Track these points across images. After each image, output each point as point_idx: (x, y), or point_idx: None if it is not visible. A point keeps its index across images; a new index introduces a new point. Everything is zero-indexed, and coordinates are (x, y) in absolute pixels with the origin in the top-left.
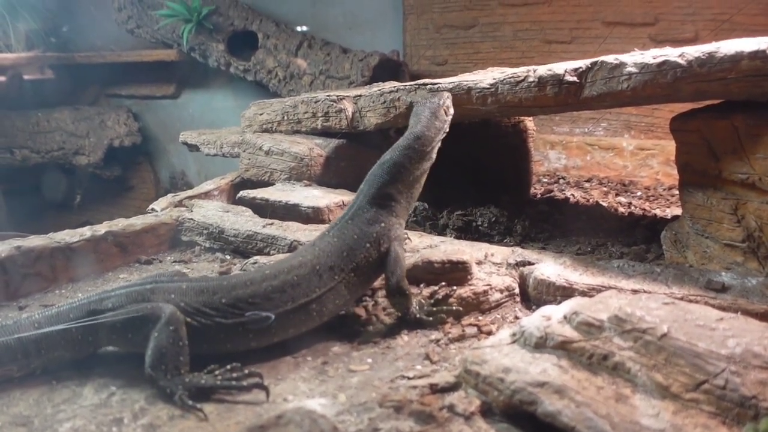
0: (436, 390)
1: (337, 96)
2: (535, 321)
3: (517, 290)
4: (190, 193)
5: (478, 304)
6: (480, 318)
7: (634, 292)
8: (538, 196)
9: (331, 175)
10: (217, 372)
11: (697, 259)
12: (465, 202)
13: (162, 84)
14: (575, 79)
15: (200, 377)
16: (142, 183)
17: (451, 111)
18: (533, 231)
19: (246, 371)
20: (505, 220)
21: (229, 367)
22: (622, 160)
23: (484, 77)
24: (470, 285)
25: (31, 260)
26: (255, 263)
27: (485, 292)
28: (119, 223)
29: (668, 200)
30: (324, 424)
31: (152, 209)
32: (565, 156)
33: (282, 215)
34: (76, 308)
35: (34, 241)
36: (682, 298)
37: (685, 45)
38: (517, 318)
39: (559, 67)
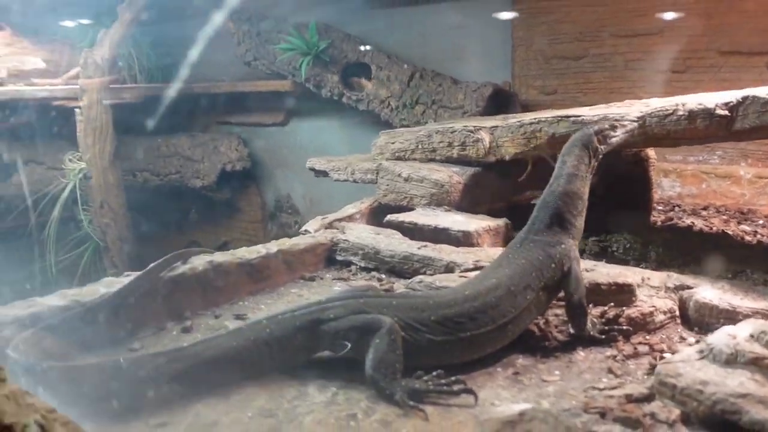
0: (632, 400)
1: (474, 126)
2: (722, 339)
3: (677, 312)
4: (336, 216)
5: (645, 325)
6: (647, 337)
7: None
8: (659, 223)
9: (468, 202)
10: (426, 378)
11: None
12: (597, 229)
13: (272, 112)
14: (726, 112)
15: (414, 382)
16: (249, 206)
17: (614, 136)
18: (666, 258)
19: (452, 378)
20: (639, 246)
21: (435, 374)
22: (740, 188)
23: (629, 110)
24: (636, 306)
25: (220, 274)
26: (420, 282)
27: (651, 314)
28: (285, 243)
29: None
30: (564, 420)
31: (306, 230)
32: (680, 184)
33: (430, 238)
34: (299, 317)
35: (221, 257)
36: None
37: None
38: (682, 338)
39: (710, 101)
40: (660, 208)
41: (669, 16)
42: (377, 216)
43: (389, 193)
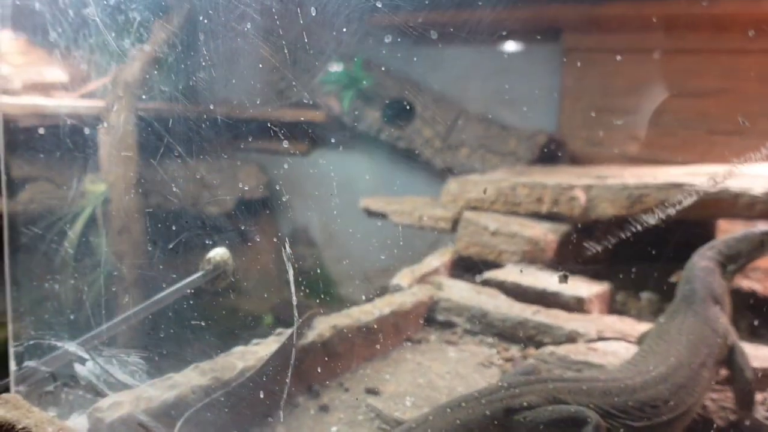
0: None
1: (568, 184)
2: None
3: None
4: (424, 269)
5: None
6: None
7: None
8: None
9: (559, 261)
10: None
11: None
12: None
13: (295, 141)
14: None
15: None
16: (263, 235)
17: None
18: (760, 327)
19: None
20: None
21: None
22: None
23: (753, 184)
24: None
25: (342, 340)
26: (552, 354)
27: None
28: (395, 302)
29: None
30: None
31: (398, 285)
32: None
33: (535, 301)
34: (488, 404)
35: (342, 319)
36: None
37: None
38: None
39: None
40: None
41: (724, 78)
42: (457, 269)
43: (472, 245)
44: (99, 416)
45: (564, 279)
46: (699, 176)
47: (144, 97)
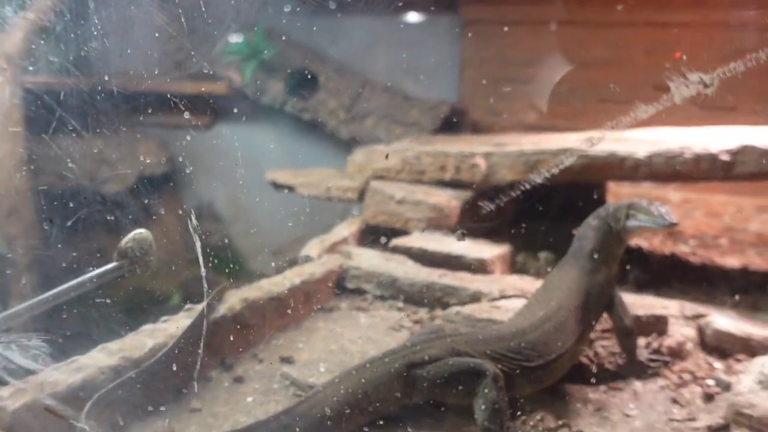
0: (713, 430)
1: (470, 152)
2: None
3: (697, 340)
4: (333, 238)
5: (679, 353)
6: (684, 365)
7: None
8: None
9: (462, 226)
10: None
11: None
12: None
13: (197, 114)
14: (728, 158)
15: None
16: (167, 211)
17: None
18: (644, 280)
19: (560, 422)
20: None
21: (539, 417)
22: None
23: (637, 148)
24: (670, 336)
25: (254, 312)
26: (457, 313)
27: (684, 342)
28: (304, 272)
29: (720, 249)
30: None
31: (307, 255)
32: None
33: (442, 265)
34: (392, 362)
35: (253, 292)
36: None
37: (728, 114)
38: (709, 365)
39: (714, 146)
40: None
41: (613, 50)
42: (365, 237)
43: (379, 214)
44: (0, 405)
45: (462, 237)
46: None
47: (31, 68)
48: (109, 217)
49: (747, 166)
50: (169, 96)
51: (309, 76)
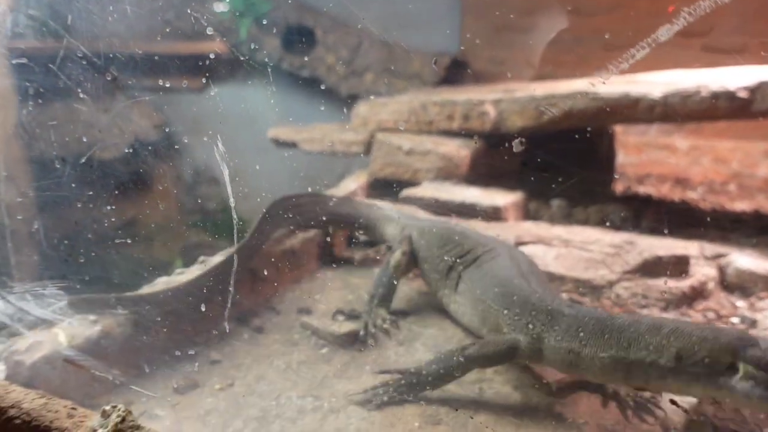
0: None
1: (478, 99)
2: None
3: (718, 279)
4: (342, 192)
5: (702, 292)
6: (707, 304)
7: None
8: (618, 192)
9: (474, 175)
10: None
11: None
12: (584, 198)
13: (190, 76)
14: (746, 95)
15: None
16: (164, 177)
17: None
18: (658, 226)
19: None
20: (631, 217)
21: None
22: (675, 158)
23: (652, 88)
24: (692, 275)
25: (266, 264)
26: None
27: (705, 282)
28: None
29: (729, 195)
30: None
31: None
32: (622, 154)
33: (454, 213)
34: None
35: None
36: None
37: (735, 56)
38: (733, 304)
39: (731, 84)
40: None
41: None
42: (373, 191)
43: (387, 166)
44: (18, 359)
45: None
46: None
47: (10, 33)
48: (106, 185)
49: (765, 102)
50: (160, 58)
51: (306, 32)
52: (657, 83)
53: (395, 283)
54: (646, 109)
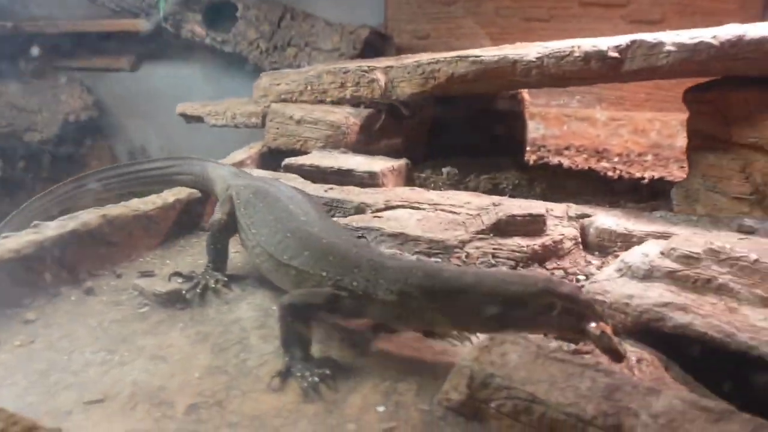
0: None
1: (369, 66)
2: (637, 258)
3: (579, 239)
4: (226, 162)
5: (556, 251)
6: (559, 263)
7: None
8: (531, 162)
9: (364, 143)
10: None
11: (707, 211)
12: (483, 167)
13: (119, 56)
14: (617, 55)
15: None
16: (99, 160)
17: None
18: (550, 192)
19: None
20: (525, 183)
21: None
22: (595, 129)
23: (529, 51)
24: (547, 235)
25: (116, 229)
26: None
27: (561, 241)
28: (182, 192)
29: (643, 165)
30: (531, 338)
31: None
32: (544, 126)
33: (334, 181)
34: None
35: (116, 210)
36: None
37: (654, 27)
38: (588, 262)
39: (603, 44)
40: (528, 148)
41: None
42: (267, 161)
43: (279, 136)
44: None
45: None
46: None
47: None
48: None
49: (635, 62)
50: (87, 37)
51: (227, 7)
52: (539, 46)
53: (219, 245)
54: (523, 71)
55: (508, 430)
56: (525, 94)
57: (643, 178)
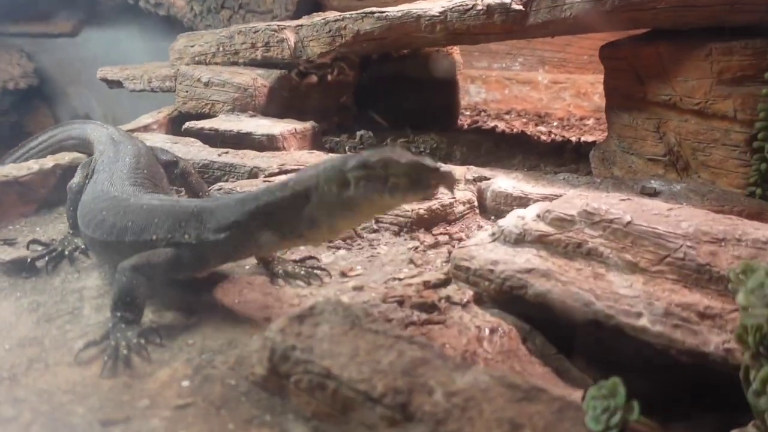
0: (430, 286)
1: (278, 25)
2: (511, 221)
3: (476, 203)
4: (129, 126)
5: (446, 216)
6: (448, 228)
7: None
8: (465, 126)
9: (275, 106)
10: None
11: (623, 173)
12: (404, 130)
13: (58, 21)
14: (521, 7)
15: None
16: (41, 128)
17: None
18: (470, 156)
19: None
20: (445, 146)
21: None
22: (538, 93)
23: (433, 5)
24: (437, 198)
25: None
26: (220, 189)
27: (451, 205)
28: (65, 157)
29: (582, 129)
30: (356, 310)
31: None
32: (485, 90)
33: (234, 144)
34: None
35: None
36: None
37: None
38: (480, 227)
39: None
40: (467, 113)
41: None
42: (178, 126)
43: (189, 100)
44: None
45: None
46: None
47: None
48: None
49: (540, 15)
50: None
51: None
52: (441, 0)
53: (74, 207)
54: (428, 26)
55: (306, 407)
56: (456, 56)
57: (570, 142)
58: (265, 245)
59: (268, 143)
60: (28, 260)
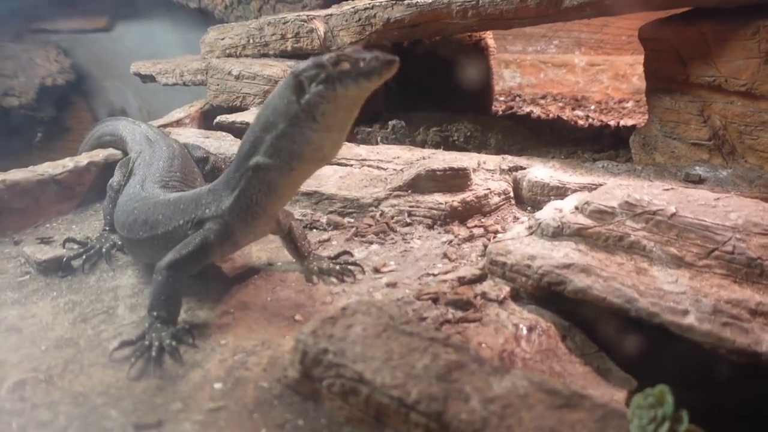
0: (465, 282)
1: (308, 16)
2: (549, 213)
3: (511, 193)
4: (162, 121)
5: (480, 207)
6: (483, 220)
7: None
8: (500, 112)
9: None
10: None
11: (665, 160)
12: (438, 119)
13: (93, 16)
14: None
15: None
16: (79, 123)
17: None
18: (506, 144)
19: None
20: (479, 134)
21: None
22: (574, 76)
23: None
24: (471, 190)
25: (17, 194)
26: None
27: (486, 196)
28: (99, 154)
29: (620, 113)
30: (390, 309)
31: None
32: (520, 74)
33: None
34: None
35: (16, 174)
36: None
37: None
38: (516, 218)
39: None
40: (502, 98)
41: None
42: (210, 119)
43: (220, 93)
44: None
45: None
46: None
47: None
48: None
49: None
50: None
51: None
52: None
53: (113, 205)
54: (459, 12)
55: (339, 412)
56: (490, 41)
57: (608, 126)
58: (276, 184)
59: None
60: (64, 259)
